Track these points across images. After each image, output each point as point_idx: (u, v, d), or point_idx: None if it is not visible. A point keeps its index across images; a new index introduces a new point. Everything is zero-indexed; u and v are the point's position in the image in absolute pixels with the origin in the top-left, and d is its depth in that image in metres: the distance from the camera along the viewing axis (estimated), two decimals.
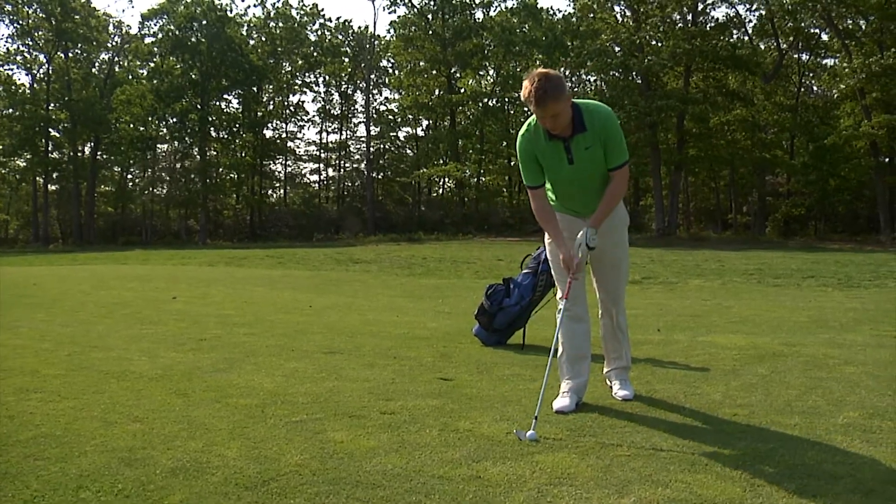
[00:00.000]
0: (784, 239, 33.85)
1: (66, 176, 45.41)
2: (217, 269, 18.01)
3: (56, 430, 3.25)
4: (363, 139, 50.78)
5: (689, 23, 37.49)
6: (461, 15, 44.77)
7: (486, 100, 44.81)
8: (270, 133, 51.16)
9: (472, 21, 44.68)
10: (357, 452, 2.95)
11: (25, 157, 44.88)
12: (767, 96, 38.58)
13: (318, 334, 6.26)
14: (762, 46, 40.93)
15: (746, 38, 40.02)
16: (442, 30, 44.26)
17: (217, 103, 47.44)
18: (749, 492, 2.52)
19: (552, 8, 79.81)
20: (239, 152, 48.70)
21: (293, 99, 54.19)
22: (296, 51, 49.97)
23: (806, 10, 34.58)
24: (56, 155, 46.03)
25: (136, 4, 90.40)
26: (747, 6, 39.25)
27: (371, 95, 50.61)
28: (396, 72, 50.49)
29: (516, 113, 44.28)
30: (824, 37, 38.31)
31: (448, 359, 5.07)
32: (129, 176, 51.59)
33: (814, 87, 44.60)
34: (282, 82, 50.58)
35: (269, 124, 50.64)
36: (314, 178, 56.29)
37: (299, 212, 49.88)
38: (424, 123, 51.19)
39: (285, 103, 52.18)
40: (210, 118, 46.10)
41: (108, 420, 3.42)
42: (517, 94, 41.19)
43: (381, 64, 51.83)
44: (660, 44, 37.04)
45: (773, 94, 39.17)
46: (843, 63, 35.27)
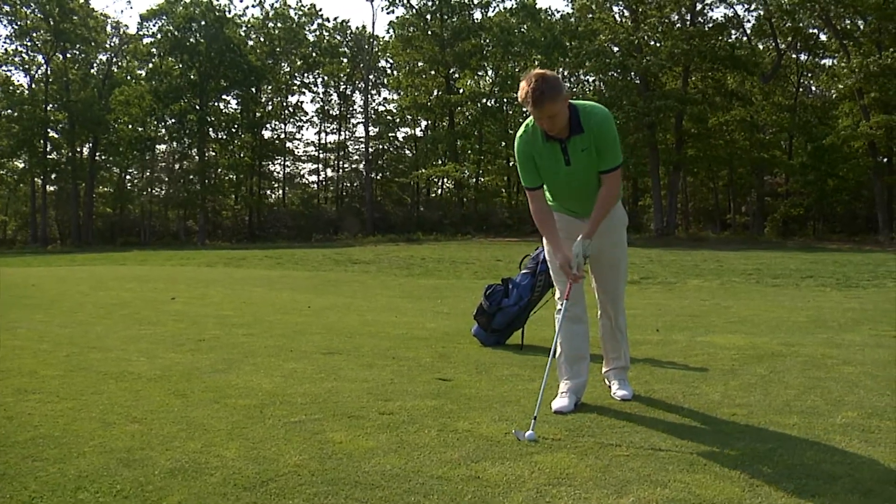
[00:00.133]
0: (783, 239, 33.87)
1: (65, 177, 45.33)
2: (216, 269, 18.00)
3: (54, 431, 3.24)
4: (362, 140, 50.84)
5: (688, 23, 37.48)
6: (460, 15, 44.73)
7: (484, 100, 44.76)
8: (269, 134, 51.21)
9: (470, 21, 44.62)
10: (356, 453, 2.94)
11: (24, 158, 44.81)
12: (766, 96, 38.58)
13: (316, 335, 6.26)
14: (760, 47, 40.93)
15: (745, 38, 40.03)
16: (440, 30, 44.23)
17: (216, 104, 47.39)
18: (748, 492, 2.53)
19: (550, 8, 79.84)
20: (238, 153, 48.66)
21: (292, 99, 54.30)
22: (294, 51, 49.93)
23: (804, 10, 34.60)
24: (54, 156, 45.97)
25: (135, 5, 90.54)
26: (746, 6, 39.28)
27: (370, 96, 50.64)
28: (395, 72, 50.45)
29: (515, 113, 44.24)
30: (823, 37, 38.34)
31: (447, 359, 5.07)
32: (128, 177, 51.60)
33: (812, 88, 44.62)
34: (280, 83, 50.54)
35: (268, 125, 50.59)
36: (313, 178, 56.46)
37: (298, 212, 49.83)
38: (423, 124, 51.17)
39: (284, 104, 52.13)
40: (209, 119, 46.06)
41: (107, 421, 3.42)
42: (516, 95, 40.99)
43: (380, 64, 51.86)
44: (658, 44, 37.02)
45: (772, 94, 39.17)
46: (841, 63, 35.28)
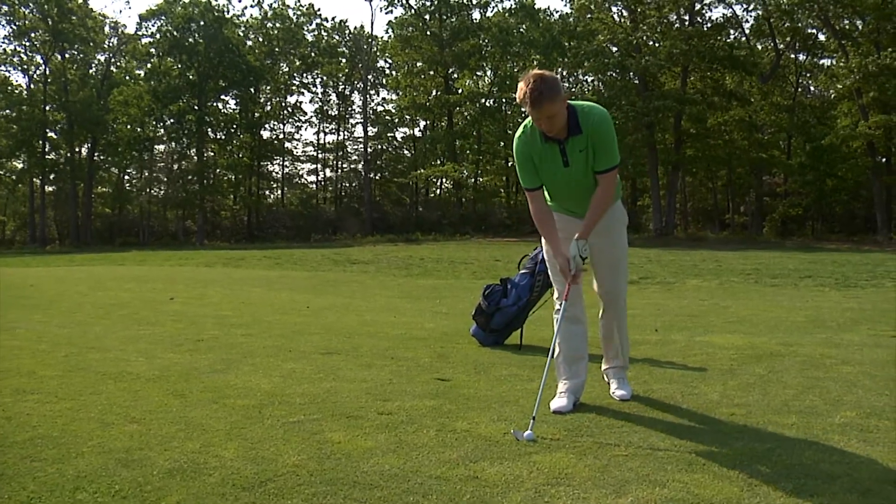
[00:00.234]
0: (781, 239, 33.90)
1: (63, 177, 45.31)
2: (214, 269, 18.00)
3: (53, 432, 3.24)
4: (361, 140, 50.84)
5: (686, 23, 37.52)
6: (458, 15, 44.74)
7: (483, 100, 44.77)
8: (268, 134, 51.22)
9: (469, 21, 44.62)
10: (354, 453, 2.94)
11: (22, 159, 44.78)
12: (764, 96, 38.60)
13: (315, 335, 6.26)
14: (759, 47, 40.99)
15: (743, 38, 40.07)
16: (439, 30, 44.24)
17: (214, 104, 47.39)
18: (746, 491, 2.53)
19: (549, 8, 79.82)
20: (236, 153, 48.67)
21: (290, 100, 54.22)
22: (293, 51, 49.93)
23: (803, 10, 34.67)
24: (53, 156, 45.94)
25: (133, 5, 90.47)
26: (744, 6, 39.33)
27: (368, 96, 50.69)
28: (394, 72, 50.45)
29: (513, 113, 44.26)
30: (821, 37, 38.41)
31: (445, 359, 5.07)
32: (127, 177, 51.59)
33: (811, 88, 44.65)
34: (279, 83, 50.54)
35: (267, 125, 50.59)
36: (312, 178, 56.49)
37: (297, 212, 49.83)
38: (422, 124, 51.18)
39: (283, 104, 52.14)
40: (207, 119, 46.06)
41: (106, 421, 3.42)
42: (514, 95, 41.04)
43: (379, 64, 51.88)
44: (657, 44, 37.06)
45: (771, 94, 39.20)
46: (839, 63, 35.32)
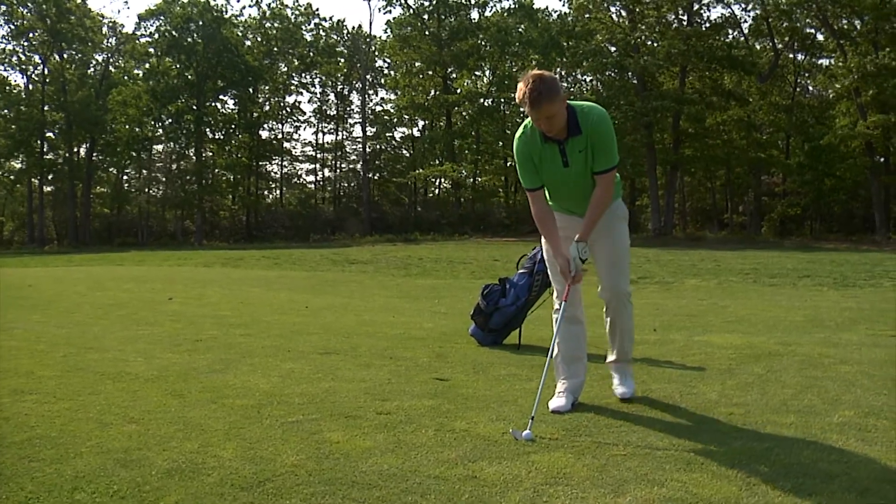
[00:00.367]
0: (780, 239, 33.92)
1: (62, 177, 45.23)
2: (213, 270, 17.99)
3: (51, 432, 3.23)
4: (359, 140, 50.78)
5: (685, 23, 37.54)
6: (457, 15, 44.73)
7: (481, 100, 44.74)
8: (266, 134, 51.13)
9: (467, 21, 44.61)
10: (353, 453, 2.94)
11: (21, 159, 44.71)
12: (763, 96, 38.62)
13: (314, 335, 6.25)
14: (758, 46, 40.97)
15: (742, 38, 40.09)
16: (438, 30, 44.23)
17: (213, 104, 47.31)
18: (745, 490, 2.53)
19: (548, 8, 79.82)
20: (235, 153, 48.61)
21: (289, 99, 54.07)
22: (291, 51, 49.87)
23: (801, 10, 34.69)
24: (51, 156, 45.85)
25: (132, 5, 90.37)
26: (743, 6, 39.31)
27: (367, 96, 50.63)
28: (392, 72, 50.45)
29: (512, 113, 44.26)
30: (820, 37, 38.43)
31: (444, 359, 5.07)
32: (125, 177, 51.48)
33: (809, 87, 44.66)
34: (277, 83, 50.49)
35: (265, 125, 50.52)
36: (310, 178, 56.40)
37: (295, 212, 49.79)
38: (420, 124, 51.13)
39: (281, 104, 52.08)
40: (206, 119, 46.00)
41: (104, 421, 3.41)
42: (513, 95, 41.02)
43: (377, 64, 51.82)
44: (655, 44, 37.06)
45: (769, 94, 39.21)
46: (838, 63, 35.34)
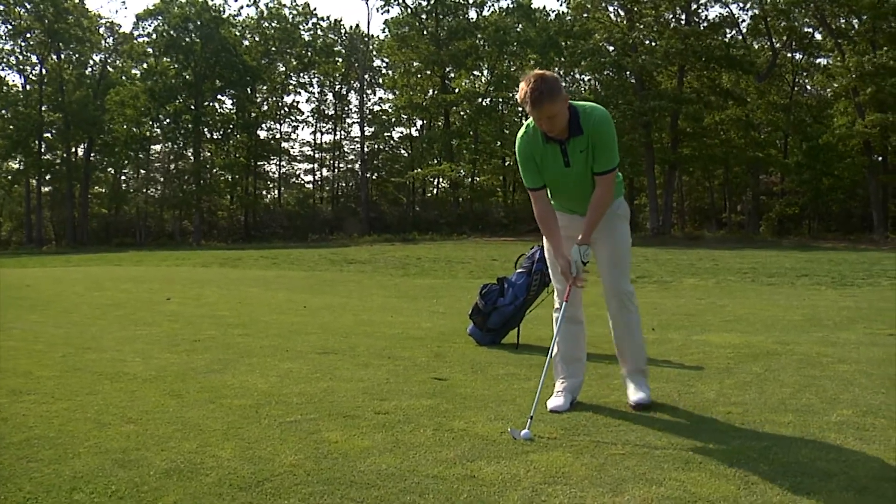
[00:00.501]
0: (778, 238, 33.96)
1: (60, 177, 45.22)
2: (211, 270, 17.98)
3: (49, 432, 3.23)
4: (357, 139, 50.81)
5: (683, 22, 37.56)
6: (455, 15, 44.76)
7: (480, 100, 44.73)
8: (264, 134, 51.10)
9: (465, 21, 44.63)
10: (351, 452, 2.94)
11: (18, 159, 44.67)
12: (761, 95, 38.66)
13: (312, 335, 6.25)
14: (756, 46, 41.01)
15: (740, 37, 40.12)
16: (436, 30, 44.23)
17: (211, 104, 47.32)
18: (743, 490, 2.53)
19: (545, 8, 79.73)
20: (233, 153, 48.60)
21: (287, 99, 54.09)
22: (289, 51, 49.86)
23: (799, 9, 34.73)
24: (49, 156, 45.83)
25: (130, 5, 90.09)
26: (741, 6, 39.45)
27: (365, 95, 50.65)
28: (390, 72, 50.47)
29: (510, 113, 44.30)
30: (818, 36, 38.48)
31: (442, 358, 5.07)
32: (123, 177, 51.49)
33: (807, 87, 44.72)
34: (276, 83, 50.48)
35: (263, 125, 50.53)
36: (308, 178, 56.32)
37: (294, 212, 49.79)
38: (418, 123, 51.15)
39: (279, 104, 52.06)
40: (204, 119, 46.00)
41: (102, 421, 3.41)
42: (511, 94, 41.21)
43: (375, 64, 51.88)
44: (653, 43, 37.09)
45: (767, 93, 39.25)
46: (836, 62, 35.40)
